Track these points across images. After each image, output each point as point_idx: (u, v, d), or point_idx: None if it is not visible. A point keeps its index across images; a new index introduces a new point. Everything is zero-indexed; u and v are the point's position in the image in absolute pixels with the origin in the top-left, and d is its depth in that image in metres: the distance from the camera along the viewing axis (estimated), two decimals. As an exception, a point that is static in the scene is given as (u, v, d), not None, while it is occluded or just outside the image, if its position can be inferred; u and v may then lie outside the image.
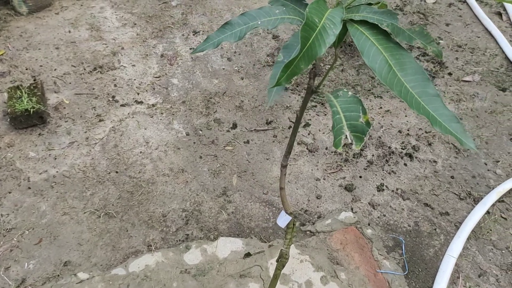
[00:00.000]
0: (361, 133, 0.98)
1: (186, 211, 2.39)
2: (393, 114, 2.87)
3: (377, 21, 1.03)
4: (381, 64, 1.01)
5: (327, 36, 0.96)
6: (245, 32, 1.09)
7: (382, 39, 1.04)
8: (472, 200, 2.41)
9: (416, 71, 1.02)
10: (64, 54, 3.28)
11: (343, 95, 1.04)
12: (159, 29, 3.60)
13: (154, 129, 2.83)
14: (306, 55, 0.93)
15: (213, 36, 1.11)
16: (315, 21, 0.95)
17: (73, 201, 2.43)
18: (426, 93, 1.00)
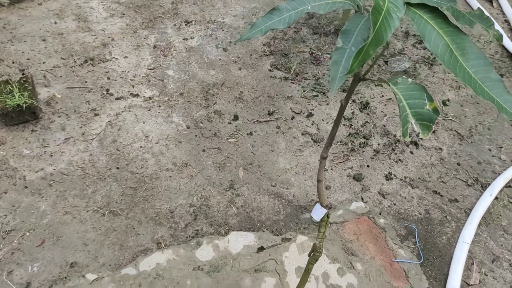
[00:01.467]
0: (429, 121, 0.93)
1: (193, 206, 2.32)
2: (395, 102, 2.85)
3: (436, 4, 0.99)
4: (443, 48, 0.97)
5: (392, 20, 0.91)
6: (294, 18, 1.03)
7: (442, 23, 1.00)
8: (480, 186, 2.42)
9: (478, 56, 0.98)
10: (52, 46, 3.14)
11: (402, 82, 1.00)
12: (149, 19, 3.48)
13: (153, 122, 2.73)
14: (375, 40, 0.88)
15: (259, 23, 1.05)
16: (380, 4, 0.90)
17: (74, 199, 2.32)
18: (489, 78, 0.97)
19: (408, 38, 3.35)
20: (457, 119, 2.76)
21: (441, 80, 3.02)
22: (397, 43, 3.30)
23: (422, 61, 3.15)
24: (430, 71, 3.08)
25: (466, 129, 2.70)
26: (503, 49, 3.26)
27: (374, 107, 2.83)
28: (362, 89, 2.95)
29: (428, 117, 0.94)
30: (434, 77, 3.03)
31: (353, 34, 0.98)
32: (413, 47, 3.28)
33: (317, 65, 3.12)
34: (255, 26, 1.05)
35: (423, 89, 0.97)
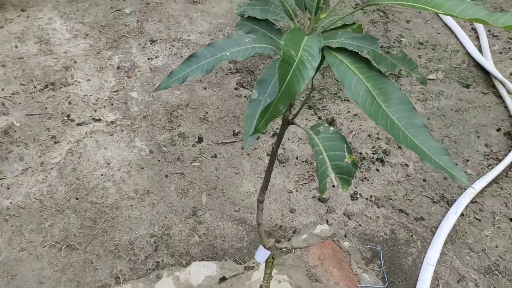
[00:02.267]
0: (348, 175, 0.89)
1: (154, 236, 2.26)
2: (362, 118, 2.82)
3: (356, 48, 0.94)
4: (364, 95, 0.93)
5: (306, 70, 0.86)
6: (212, 65, 0.98)
7: (363, 67, 0.95)
8: (446, 202, 2.39)
9: (401, 101, 0.94)
10: (12, 71, 3.06)
11: (324, 131, 0.95)
12: (114, 39, 3.41)
13: (115, 148, 2.67)
14: (285, 95, 0.83)
15: (177, 71, 1.00)
16: (292, 54, 0.85)
17: (30, 234, 2.25)
18: (413, 124, 0.93)
19: (376, 50, 3.32)
20: (423, 133, 2.73)
21: (408, 92, 2.99)
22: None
23: (389, 74, 3.12)
24: (397, 83, 3.04)
25: (432, 143, 2.67)
26: (469, 58, 3.24)
27: (340, 124, 2.79)
28: (328, 105, 2.91)
29: (347, 170, 0.89)
30: (401, 90, 3.00)
31: (270, 84, 0.93)
32: (380, 59, 3.25)
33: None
34: (172, 75, 1.00)
35: (344, 140, 0.93)
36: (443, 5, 0.87)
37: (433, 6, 0.87)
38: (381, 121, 0.91)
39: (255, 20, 1.10)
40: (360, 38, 0.96)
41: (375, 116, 0.91)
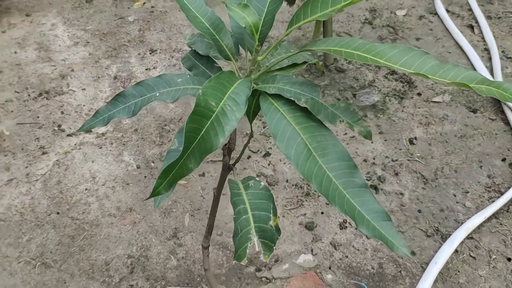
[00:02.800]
0: (270, 241, 0.79)
1: (132, 257, 2.19)
2: (359, 141, 2.70)
3: (294, 95, 0.84)
4: (299, 149, 0.83)
5: (227, 122, 0.76)
6: (140, 106, 0.90)
7: (301, 117, 0.85)
8: (440, 237, 2.25)
9: (341, 157, 0.83)
10: (8, 78, 3.05)
11: (254, 186, 0.86)
12: (114, 48, 3.37)
13: (102, 161, 2.61)
14: (197, 151, 0.74)
15: (103, 111, 0.92)
16: (211, 105, 0.75)
17: (7, 248, 2.21)
18: (352, 184, 0.82)
19: (381, 68, 3.19)
20: (423, 160, 2.59)
21: (410, 115, 2.85)
22: (368, 73, 3.14)
23: (393, 94, 2.99)
24: (400, 105, 2.91)
25: (431, 171, 2.53)
26: (479, 80, 3.07)
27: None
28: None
29: (271, 235, 0.80)
30: (403, 112, 2.86)
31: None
32: (385, 78, 3.12)
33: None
34: (98, 115, 0.92)
35: (271, 199, 0.83)
36: (386, 54, 0.76)
37: (374, 54, 0.76)
38: (316, 178, 0.81)
39: (199, 55, 1.01)
40: (301, 84, 0.86)
41: (309, 172, 0.81)
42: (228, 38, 0.90)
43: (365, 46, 0.79)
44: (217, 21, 0.91)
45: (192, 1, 0.92)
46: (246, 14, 0.81)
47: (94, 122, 0.91)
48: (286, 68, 0.91)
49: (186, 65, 1.01)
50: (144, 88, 0.90)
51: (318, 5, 0.79)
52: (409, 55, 0.78)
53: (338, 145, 0.84)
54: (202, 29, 0.88)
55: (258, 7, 0.89)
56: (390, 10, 3.74)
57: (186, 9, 0.90)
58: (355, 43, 0.79)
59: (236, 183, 0.88)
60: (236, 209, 0.82)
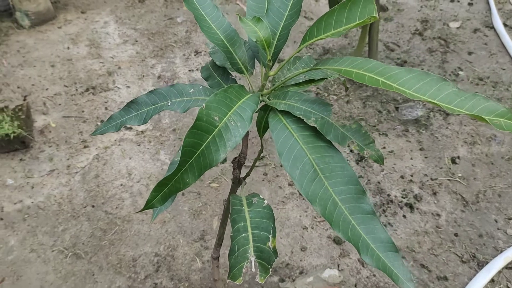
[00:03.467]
0: (267, 262, 0.77)
1: (158, 255, 2.22)
2: (397, 156, 2.61)
3: (303, 114, 0.82)
4: (305, 169, 0.80)
5: (230, 138, 0.75)
6: (151, 114, 0.90)
7: (311, 136, 0.82)
8: (476, 264, 2.13)
9: (349, 180, 0.80)
10: (59, 72, 3.18)
11: (257, 204, 0.84)
12: (160, 48, 3.44)
13: (139, 159, 2.67)
14: (196, 166, 0.73)
15: (116, 116, 0.93)
16: (213, 119, 0.74)
17: (43, 236, 2.30)
18: (359, 209, 0.79)
19: (428, 82, 3.07)
20: (464, 181, 2.46)
21: (455, 133, 2.72)
22: (414, 86, 3.03)
23: (438, 110, 2.87)
24: (445, 121, 2.79)
25: (472, 194, 2.40)
26: (534, 100, 2.89)
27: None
28: (363, 138, 2.72)
29: (268, 257, 0.78)
30: (448, 129, 2.74)
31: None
32: (431, 92, 3.00)
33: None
34: (111, 120, 0.93)
35: (272, 219, 0.81)
36: (400, 78, 0.72)
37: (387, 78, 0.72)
38: (320, 201, 0.78)
39: (216, 66, 1.00)
40: (312, 102, 0.83)
41: (314, 194, 0.78)
42: (242, 51, 0.89)
43: (378, 68, 0.75)
44: (232, 33, 0.89)
45: (209, 12, 0.91)
46: (258, 28, 0.79)
47: (107, 127, 0.92)
48: (302, 84, 0.89)
49: (203, 74, 1.01)
50: (156, 96, 0.90)
51: (332, 22, 0.76)
52: (424, 80, 0.73)
53: (347, 167, 0.80)
54: (216, 41, 0.87)
55: (275, 20, 0.87)
56: (443, 21, 3.59)
57: (202, 19, 0.89)
58: (368, 64, 0.76)
59: (239, 199, 0.86)
60: (235, 226, 0.81)
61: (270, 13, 0.88)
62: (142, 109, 0.90)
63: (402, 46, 3.37)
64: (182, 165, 0.70)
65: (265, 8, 0.94)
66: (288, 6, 0.86)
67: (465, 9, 3.71)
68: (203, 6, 0.91)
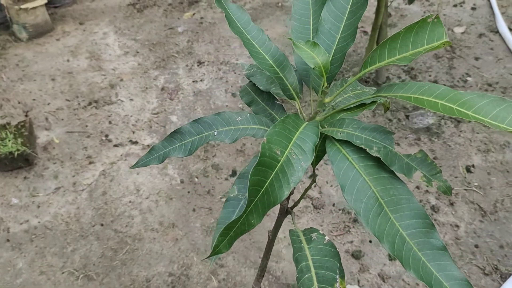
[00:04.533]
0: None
1: (172, 275, 2.16)
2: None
3: (365, 144, 0.76)
4: (369, 202, 0.74)
5: (293, 172, 0.70)
6: (197, 145, 0.85)
7: (373, 166, 0.77)
8: (499, 276, 2.09)
9: (417, 214, 0.75)
10: (60, 86, 3.10)
11: (318, 240, 0.79)
12: (162, 58, 3.38)
13: (147, 174, 2.60)
14: (260, 205, 0.67)
15: (158, 148, 0.87)
16: (276, 154, 0.69)
17: (52, 258, 2.22)
18: (429, 245, 0.73)
19: (436, 88, 3.03)
20: (481, 190, 2.43)
21: (468, 140, 2.69)
22: (422, 93, 3.00)
23: (449, 117, 2.84)
24: (456, 129, 2.75)
25: (490, 203, 2.37)
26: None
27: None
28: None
29: (337, 301, 0.72)
30: (460, 137, 2.70)
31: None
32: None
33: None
34: (153, 151, 0.87)
35: (338, 257, 0.76)
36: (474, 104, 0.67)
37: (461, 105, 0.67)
38: (387, 237, 0.73)
39: (258, 90, 0.94)
40: (372, 130, 0.78)
41: (380, 230, 0.73)
42: (292, 76, 0.84)
43: (449, 94, 0.70)
44: (281, 58, 0.84)
45: (255, 35, 0.85)
46: (316, 54, 0.74)
47: (150, 159, 0.86)
48: (353, 109, 0.84)
49: (245, 99, 0.95)
50: (201, 125, 0.84)
51: (396, 47, 0.71)
52: (501, 106, 0.68)
53: (412, 200, 0.75)
54: (266, 67, 0.81)
55: (327, 43, 0.81)
56: (448, 27, 3.57)
57: (249, 44, 0.84)
58: (437, 90, 0.71)
59: (297, 235, 0.81)
60: (298, 266, 0.75)
61: (320, 35, 0.82)
62: (186, 139, 0.84)
63: (408, 53, 3.34)
64: (249, 205, 0.64)
65: (310, 29, 0.88)
66: (340, 28, 0.81)
67: (468, 13, 3.69)
68: (248, 29, 0.86)
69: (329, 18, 0.83)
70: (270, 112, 0.90)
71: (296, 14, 0.91)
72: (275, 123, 0.70)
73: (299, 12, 0.91)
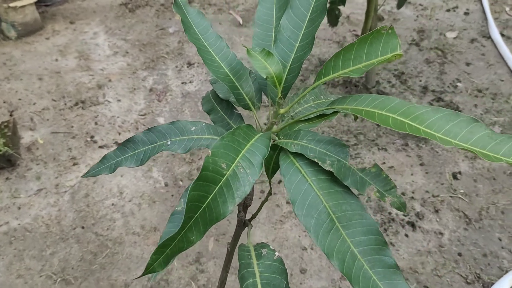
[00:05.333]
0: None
1: (152, 280, 2.13)
2: (397, 172, 2.54)
3: (318, 157, 0.74)
4: (320, 218, 0.72)
5: (239, 187, 0.67)
6: (149, 155, 0.82)
7: (326, 180, 0.74)
8: (481, 285, 2.07)
9: (369, 230, 0.72)
10: (46, 86, 3.08)
11: (268, 256, 0.76)
12: (152, 59, 3.35)
13: (131, 176, 2.58)
14: (201, 222, 0.64)
15: (110, 156, 0.84)
16: (221, 168, 0.66)
17: (30, 261, 2.19)
18: (381, 263, 0.70)
19: (426, 94, 3.01)
20: (466, 197, 2.40)
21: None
22: (412, 99, 2.98)
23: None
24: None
25: (475, 211, 2.34)
26: (534, 113, 2.85)
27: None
28: (362, 153, 2.65)
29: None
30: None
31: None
32: (430, 104, 2.94)
33: (318, 121, 2.86)
34: (104, 161, 0.85)
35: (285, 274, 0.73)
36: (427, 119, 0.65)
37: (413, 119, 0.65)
38: (338, 254, 0.70)
39: (219, 98, 0.92)
40: (327, 143, 0.75)
41: (331, 247, 0.70)
42: (249, 86, 0.81)
43: (402, 108, 0.67)
44: (238, 66, 0.81)
45: (212, 43, 0.83)
46: (269, 64, 0.71)
47: (101, 168, 0.84)
48: (314, 119, 0.81)
49: (205, 107, 0.93)
50: (155, 134, 0.81)
51: (350, 58, 0.68)
52: (454, 121, 0.66)
53: (366, 216, 0.72)
54: (221, 76, 0.79)
55: (285, 52, 0.79)
56: (440, 31, 3.55)
57: (205, 51, 0.81)
58: (390, 103, 0.68)
59: (247, 250, 0.78)
60: (244, 283, 0.72)
61: (279, 44, 0.80)
62: (139, 148, 0.82)
63: (398, 57, 3.32)
64: (187, 222, 0.61)
65: (272, 36, 0.86)
66: (299, 36, 0.78)
67: (461, 18, 3.67)
68: (206, 36, 0.83)
69: (289, 25, 0.80)
70: (228, 121, 0.87)
71: (259, 20, 0.89)
72: (223, 135, 0.67)
73: (262, 18, 0.89)
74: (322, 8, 0.78)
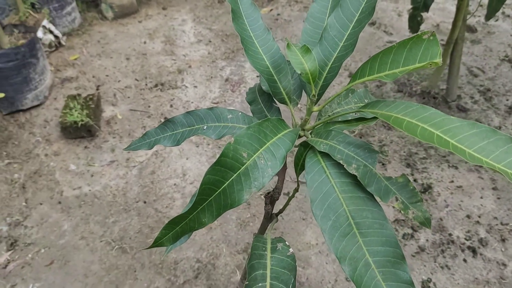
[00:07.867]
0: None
1: (200, 262, 2.20)
2: (466, 193, 2.39)
3: (344, 159, 0.72)
4: (338, 221, 0.71)
5: (258, 177, 0.68)
6: (186, 136, 0.86)
7: (350, 184, 0.73)
8: (543, 328, 1.90)
9: (387, 242, 0.70)
10: (132, 66, 3.27)
11: (281, 251, 0.76)
12: (232, 50, 3.44)
13: (195, 160, 2.67)
14: (215, 205, 0.67)
15: (151, 134, 0.90)
16: (241, 156, 0.68)
17: (94, 225, 2.36)
18: (396, 277, 0.68)
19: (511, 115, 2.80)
20: (541, 231, 2.21)
21: None
22: (495, 118, 2.78)
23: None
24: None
25: (549, 247, 2.15)
26: None
27: (437, 193, 2.40)
28: (430, 168, 2.53)
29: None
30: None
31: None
32: None
33: (388, 129, 2.77)
34: (145, 137, 0.90)
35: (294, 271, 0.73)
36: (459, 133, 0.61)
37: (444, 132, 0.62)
38: (350, 260, 0.69)
39: (262, 90, 0.93)
40: (357, 146, 0.73)
41: (344, 251, 0.69)
42: (287, 81, 0.81)
43: (435, 119, 0.64)
44: (280, 60, 0.82)
45: (259, 34, 0.84)
46: (305, 60, 0.71)
47: (141, 143, 0.89)
48: (351, 122, 0.80)
49: (248, 98, 0.94)
50: (193, 118, 0.85)
51: (387, 61, 0.66)
52: (490, 139, 0.62)
53: (387, 226, 0.70)
54: (260, 67, 0.80)
55: (328, 50, 0.78)
56: (539, 49, 3.27)
57: (249, 42, 0.82)
58: (424, 112, 0.65)
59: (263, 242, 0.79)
60: (253, 273, 0.73)
61: (323, 42, 0.79)
62: (177, 129, 0.86)
63: (487, 72, 3.11)
64: (199, 203, 0.64)
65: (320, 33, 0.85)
66: (344, 36, 0.77)
67: None
68: (254, 27, 0.84)
69: (336, 24, 0.79)
70: (266, 113, 0.88)
71: (311, 17, 0.89)
72: (250, 125, 0.69)
73: (314, 15, 0.88)
74: (371, 9, 0.76)
